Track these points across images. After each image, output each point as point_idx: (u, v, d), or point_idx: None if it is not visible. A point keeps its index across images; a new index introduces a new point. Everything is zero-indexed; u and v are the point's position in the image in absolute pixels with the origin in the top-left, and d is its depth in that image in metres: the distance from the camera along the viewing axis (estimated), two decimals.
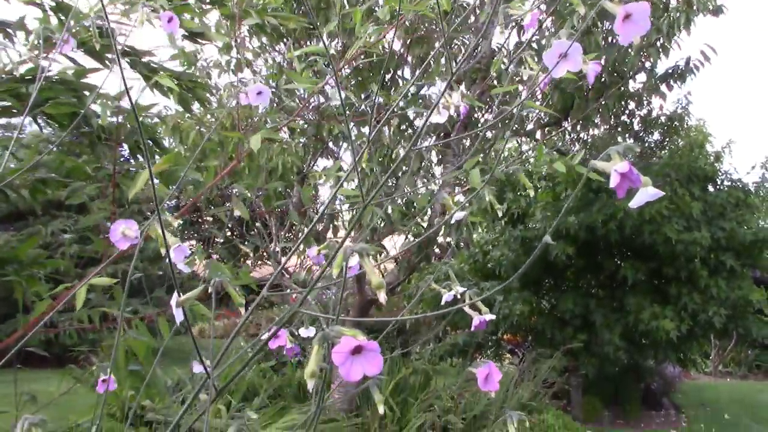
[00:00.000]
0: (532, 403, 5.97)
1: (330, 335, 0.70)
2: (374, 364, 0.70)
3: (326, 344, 0.72)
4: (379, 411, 0.92)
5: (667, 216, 7.49)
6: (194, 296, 0.89)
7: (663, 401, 9.99)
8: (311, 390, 0.69)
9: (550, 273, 8.64)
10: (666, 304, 7.88)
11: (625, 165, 0.88)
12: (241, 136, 2.85)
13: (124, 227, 1.20)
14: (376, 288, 0.86)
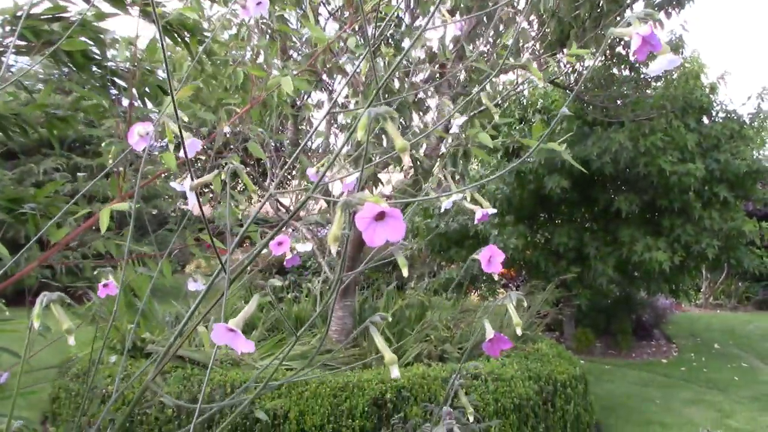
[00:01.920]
0: (526, 333, 6.04)
1: (353, 202, 0.70)
2: (397, 230, 0.71)
3: (348, 211, 0.72)
4: (393, 373, 0.92)
5: (662, 148, 7.49)
6: (208, 180, 0.88)
7: (654, 332, 10.16)
8: (334, 253, 0.69)
9: (544, 207, 8.67)
10: (659, 236, 7.94)
11: (647, 28, 0.86)
12: (264, 73, 2.82)
13: (141, 128, 1.19)
14: (401, 150, 0.83)
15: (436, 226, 8.34)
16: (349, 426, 4.23)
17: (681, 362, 8.56)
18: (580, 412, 5.28)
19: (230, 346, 0.81)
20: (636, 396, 6.79)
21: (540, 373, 5.06)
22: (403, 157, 0.82)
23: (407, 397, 4.38)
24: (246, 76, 3.03)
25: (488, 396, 4.56)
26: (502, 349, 1.12)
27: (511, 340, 1.26)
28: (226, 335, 0.80)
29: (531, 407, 4.77)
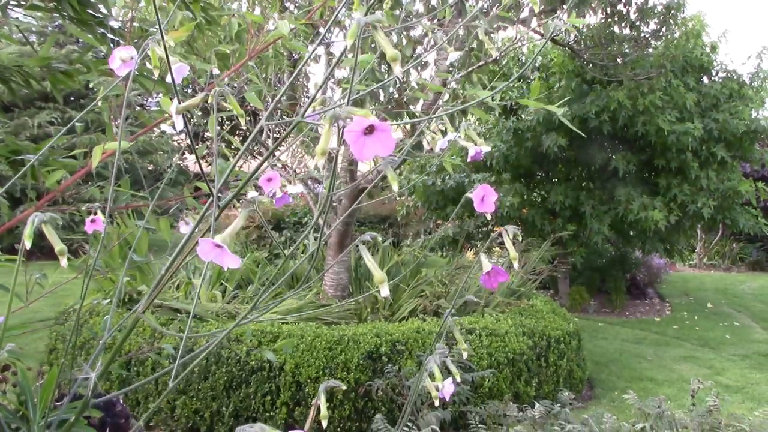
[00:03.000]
0: (521, 289, 6.08)
1: (341, 114, 0.69)
2: (386, 144, 0.69)
3: (336, 123, 0.71)
4: (383, 292, 0.91)
5: (661, 107, 7.46)
6: (194, 104, 0.87)
7: (648, 291, 10.23)
8: (321, 168, 0.69)
9: (541, 165, 8.66)
10: (655, 195, 7.95)
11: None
12: (261, 18, 2.77)
13: (123, 53, 1.18)
14: (392, 60, 0.80)
15: (433, 184, 8.33)
16: (344, 378, 4.27)
17: (674, 321, 8.63)
18: (573, 367, 5.34)
19: (216, 262, 0.81)
20: (628, 353, 6.85)
21: (534, 328, 5.10)
22: (393, 66, 0.80)
23: (402, 350, 4.42)
24: (242, 26, 2.99)
25: (482, 350, 4.60)
26: (500, 281, 1.12)
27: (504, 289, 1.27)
28: (212, 251, 0.80)
29: (524, 362, 4.82)
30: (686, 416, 2.04)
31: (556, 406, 2.33)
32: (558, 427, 2.06)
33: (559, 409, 2.28)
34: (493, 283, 1.12)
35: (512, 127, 7.94)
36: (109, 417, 1.99)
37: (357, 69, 1.71)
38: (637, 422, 2.07)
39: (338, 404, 4.29)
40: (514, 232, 1.13)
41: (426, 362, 1.17)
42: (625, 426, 2.07)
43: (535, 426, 2.23)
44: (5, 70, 1.99)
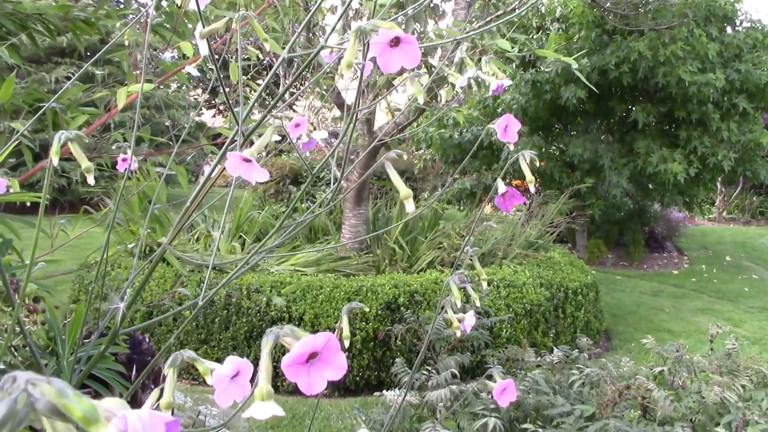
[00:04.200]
0: (539, 241, 6.08)
1: (367, 28, 0.68)
2: (412, 56, 0.68)
3: (363, 37, 0.70)
4: (408, 207, 0.91)
5: (682, 57, 7.34)
6: (218, 27, 0.87)
7: (666, 244, 10.19)
8: (346, 77, 0.68)
9: (559, 118, 8.58)
10: (675, 147, 7.87)
11: None
12: None
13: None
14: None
15: (450, 137, 8.29)
16: (363, 329, 4.32)
17: (692, 273, 8.62)
18: (591, 318, 5.36)
19: (244, 177, 0.81)
20: (646, 305, 6.86)
21: (552, 280, 5.11)
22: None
23: (420, 301, 4.45)
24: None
25: (500, 301, 4.63)
26: (515, 204, 1.11)
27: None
28: (240, 165, 0.80)
29: (542, 313, 4.84)
30: (705, 360, 2.05)
31: (574, 351, 2.34)
32: (576, 370, 2.08)
33: (578, 354, 2.30)
34: (508, 206, 1.12)
35: (531, 79, 7.85)
36: (136, 354, 2.03)
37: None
38: (655, 366, 2.09)
39: (357, 354, 4.35)
40: (531, 156, 1.13)
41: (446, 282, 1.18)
42: (643, 369, 2.08)
43: (553, 370, 2.25)
44: (28, 19, 1.98)
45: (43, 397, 0.36)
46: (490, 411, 2.00)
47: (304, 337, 0.59)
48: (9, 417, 0.35)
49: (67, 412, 0.36)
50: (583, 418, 1.87)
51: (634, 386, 1.80)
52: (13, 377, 0.36)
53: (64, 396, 0.36)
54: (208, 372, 0.76)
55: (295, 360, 0.58)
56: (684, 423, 1.72)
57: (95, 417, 0.36)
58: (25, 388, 0.36)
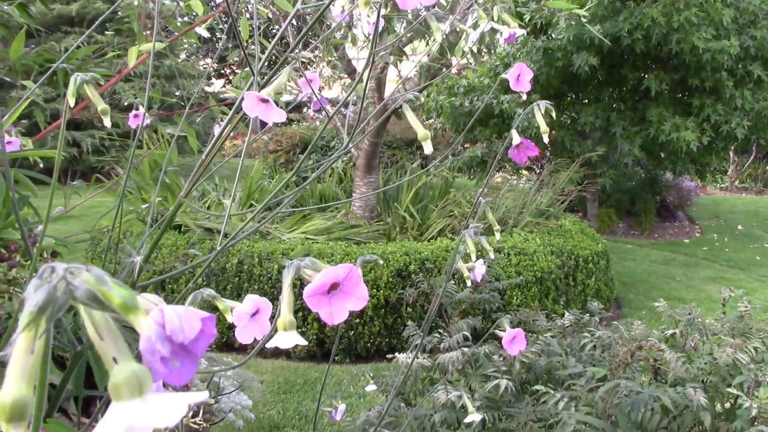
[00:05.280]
0: (550, 210, 6.07)
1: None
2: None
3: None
4: (426, 149, 0.90)
5: (696, 24, 7.24)
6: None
7: (678, 214, 10.16)
8: (368, 23, 0.67)
9: (571, 86, 8.51)
10: (688, 115, 7.80)
11: None
12: None
13: None
14: None
15: (460, 105, 8.25)
16: (374, 296, 4.34)
17: (703, 242, 8.60)
18: (601, 286, 5.36)
19: (261, 118, 0.81)
20: (657, 273, 6.86)
21: (562, 248, 5.11)
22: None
23: (430, 268, 4.46)
24: None
25: (510, 269, 4.63)
26: (529, 155, 1.11)
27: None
28: (257, 106, 0.79)
29: (552, 280, 4.85)
30: (717, 323, 2.05)
31: (585, 316, 2.35)
32: (588, 333, 2.08)
33: (589, 318, 2.30)
34: (522, 157, 1.12)
35: (542, 46, 7.77)
36: None
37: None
38: (667, 329, 2.09)
39: (368, 321, 4.37)
40: (546, 106, 1.12)
41: (460, 236, 1.19)
42: (655, 333, 2.09)
43: (564, 334, 2.25)
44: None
45: (82, 285, 0.36)
46: (501, 373, 2.01)
47: (326, 268, 0.59)
48: (49, 303, 0.35)
49: (105, 299, 0.36)
50: (594, 380, 1.88)
51: (645, 347, 1.81)
52: (52, 267, 0.37)
53: (103, 283, 0.36)
54: (228, 310, 0.76)
55: (317, 290, 0.58)
56: (695, 384, 1.73)
57: (134, 304, 0.36)
58: (65, 276, 0.36)
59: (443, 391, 1.94)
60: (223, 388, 2.00)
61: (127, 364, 0.36)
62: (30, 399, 0.35)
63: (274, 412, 3.66)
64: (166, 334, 0.37)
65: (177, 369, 0.39)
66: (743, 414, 1.69)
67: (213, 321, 0.40)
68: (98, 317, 0.38)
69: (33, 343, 0.36)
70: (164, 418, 0.33)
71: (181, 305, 0.38)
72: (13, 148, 1.19)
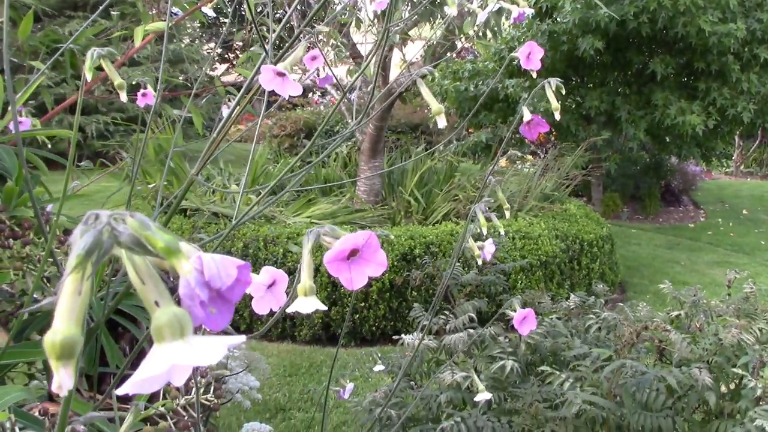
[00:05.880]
0: (554, 194, 6.07)
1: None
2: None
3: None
4: (440, 123, 0.91)
5: (703, 7, 7.20)
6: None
7: (682, 198, 10.14)
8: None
9: (576, 70, 8.47)
10: (694, 99, 7.77)
11: None
12: None
13: None
14: None
15: (465, 89, 8.23)
16: (379, 279, 4.35)
17: (708, 227, 8.59)
18: (606, 270, 5.37)
19: (278, 92, 0.81)
20: (661, 258, 6.86)
21: (567, 232, 5.11)
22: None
23: (435, 252, 4.47)
24: None
25: (515, 253, 4.64)
26: (540, 132, 1.12)
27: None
28: (274, 79, 0.80)
29: (557, 264, 4.86)
30: (722, 304, 2.06)
31: (591, 298, 2.36)
32: (593, 315, 2.09)
33: (594, 300, 2.31)
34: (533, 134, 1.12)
35: (547, 30, 7.73)
36: None
37: None
38: (672, 311, 2.10)
39: (373, 304, 4.39)
40: (557, 84, 1.12)
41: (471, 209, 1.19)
42: (660, 314, 2.10)
43: (569, 315, 2.26)
44: None
45: (126, 230, 0.38)
46: (507, 354, 2.02)
47: (345, 235, 0.60)
48: (95, 246, 0.37)
49: (149, 243, 0.37)
50: (599, 361, 1.89)
51: (651, 327, 1.81)
52: (96, 214, 0.38)
53: (147, 228, 0.38)
54: None
55: (336, 256, 0.59)
56: (700, 364, 1.74)
57: (176, 248, 0.38)
58: (109, 222, 0.38)
59: (449, 372, 1.95)
60: (231, 368, 2.01)
61: (168, 307, 0.38)
62: (79, 338, 0.37)
63: (280, 394, 3.69)
64: (204, 280, 0.38)
65: (214, 315, 0.40)
66: (748, 394, 1.70)
67: (248, 269, 0.42)
68: (140, 262, 0.39)
69: (81, 284, 0.37)
70: (206, 358, 0.35)
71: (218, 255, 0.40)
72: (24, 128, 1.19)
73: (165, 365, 0.34)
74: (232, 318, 0.39)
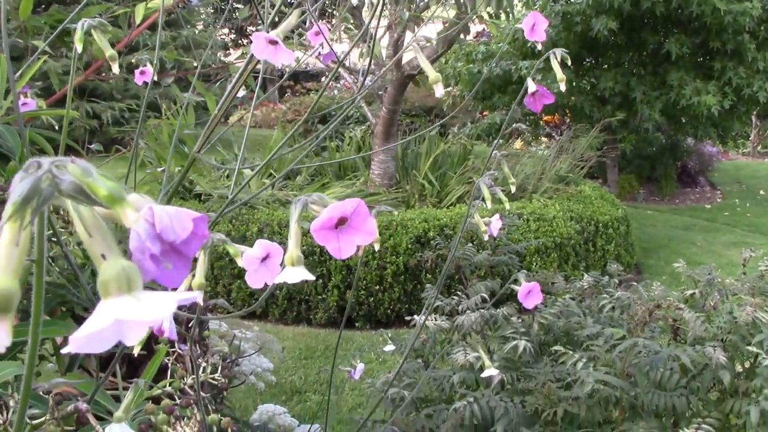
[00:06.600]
0: (569, 176, 6.04)
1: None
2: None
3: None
4: (437, 92, 0.90)
5: None
6: None
7: (699, 179, 10.06)
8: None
9: (590, 51, 8.40)
10: (710, 79, 7.68)
11: None
12: None
13: None
14: None
15: (479, 72, 8.17)
16: (393, 262, 4.35)
17: (725, 208, 8.53)
18: (621, 252, 5.35)
19: (270, 60, 0.80)
20: (677, 239, 6.82)
21: (582, 213, 5.09)
22: None
23: (449, 234, 4.47)
24: None
25: (530, 235, 4.63)
26: (545, 103, 1.11)
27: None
28: (266, 48, 0.79)
29: (572, 246, 4.84)
30: (737, 282, 2.04)
31: (604, 278, 2.35)
32: (606, 294, 2.08)
33: (608, 280, 2.30)
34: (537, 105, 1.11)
35: (561, 10, 7.67)
36: None
37: None
38: (686, 290, 2.08)
39: (388, 287, 4.39)
40: (562, 55, 1.11)
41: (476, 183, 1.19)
42: (674, 294, 2.08)
43: (583, 295, 2.25)
44: None
45: (68, 177, 0.35)
46: (520, 334, 2.01)
47: (333, 203, 0.59)
48: (33, 193, 0.34)
49: (91, 191, 0.35)
50: (613, 340, 1.88)
51: (664, 306, 1.80)
52: (38, 162, 0.36)
53: (88, 175, 0.35)
54: (238, 254, 0.77)
55: (324, 225, 0.58)
56: (715, 342, 1.73)
57: (120, 195, 0.35)
58: (50, 169, 0.35)
59: (462, 352, 1.95)
60: (244, 350, 2.02)
61: (116, 260, 0.35)
62: (15, 291, 0.34)
63: (295, 377, 3.71)
64: (155, 233, 0.36)
65: (169, 270, 0.38)
66: (763, 372, 1.68)
67: (205, 222, 0.40)
68: (86, 214, 0.37)
69: (18, 234, 0.35)
70: (152, 313, 0.33)
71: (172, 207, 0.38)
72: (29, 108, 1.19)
73: (108, 319, 0.32)
74: (240, 309, 0.38)
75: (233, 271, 4.49)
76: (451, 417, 1.82)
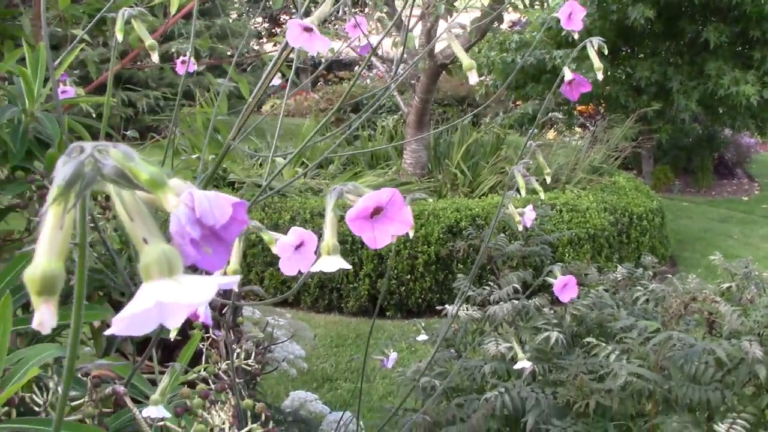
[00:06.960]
0: (603, 166, 5.98)
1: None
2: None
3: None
4: (471, 79, 0.89)
5: None
6: None
7: (736, 171, 9.89)
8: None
9: (626, 40, 8.28)
10: (749, 68, 7.54)
11: None
12: None
13: None
14: None
15: (512, 61, 8.11)
16: (425, 251, 4.35)
17: (763, 200, 8.38)
18: (656, 244, 5.29)
19: (305, 48, 0.81)
20: (713, 231, 6.73)
21: (616, 205, 5.04)
22: None
23: (481, 224, 4.45)
24: None
25: (563, 226, 4.60)
26: (582, 91, 1.10)
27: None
28: (301, 35, 0.79)
29: (605, 237, 4.80)
30: None
31: (638, 270, 2.33)
32: (641, 287, 2.07)
33: (642, 272, 2.28)
34: (574, 94, 1.10)
35: None
36: None
37: None
38: (722, 283, 2.06)
39: (419, 276, 4.40)
40: (599, 43, 1.10)
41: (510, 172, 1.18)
42: (710, 287, 2.06)
43: (616, 287, 2.24)
44: None
45: (110, 162, 0.35)
46: (552, 326, 2.01)
47: (369, 192, 0.59)
48: (77, 177, 0.35)
49: (132, 175, 0.35)
50: (646, 333, 1.86)
51: (699, 299, 1.78)
52: (81, 146, 0.36)
53: (130, 159, 0.35)
54: (273, 241, 0.78)
55: (359, 214, 0.58)
56: (751, 336, 1.70)
57: (162, 180, 0.35)
58: (92, 154, 0.35)
59: (493, 342, 1.95)
60: (276, 337, 2.04)
61: (157, 244, 0.36)
62: (61, 273, 0.35)
63: (327, 365, 3.73)
64: (195, 217, 0.37)
65: (209, 255, 0.39)
66: None
67: (244, 207, 0.40)
68: (128, 198, 0.38)
69: (62, 217, 0.35)
70: (193, 296, 0.33)
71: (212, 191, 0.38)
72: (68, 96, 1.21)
73: (150, 302, 0.33)
74: (273, 295, 0.38)
75: (266, 258, 4.52)
76: (482, 407, 1.82)
